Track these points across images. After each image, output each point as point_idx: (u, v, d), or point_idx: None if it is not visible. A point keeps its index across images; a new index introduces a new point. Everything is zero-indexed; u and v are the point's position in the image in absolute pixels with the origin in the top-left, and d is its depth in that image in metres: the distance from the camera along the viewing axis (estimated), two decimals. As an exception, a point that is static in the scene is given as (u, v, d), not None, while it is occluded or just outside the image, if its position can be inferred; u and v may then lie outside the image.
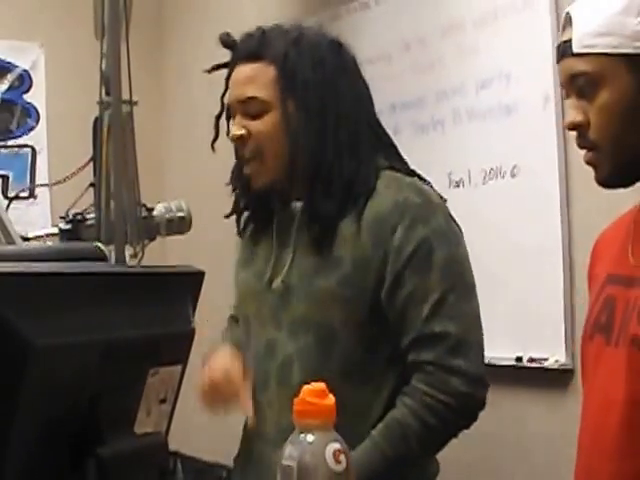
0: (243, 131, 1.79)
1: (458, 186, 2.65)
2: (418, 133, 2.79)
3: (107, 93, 1.77)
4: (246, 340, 1.88)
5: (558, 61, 1.42)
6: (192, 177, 3.87)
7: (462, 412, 1.72)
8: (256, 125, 1.79)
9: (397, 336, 1.74)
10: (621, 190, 1.44)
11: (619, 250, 1.46)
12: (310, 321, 1.76)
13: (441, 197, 1.82)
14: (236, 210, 1.92)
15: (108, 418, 1.05)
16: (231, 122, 1.84)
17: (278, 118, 1.77)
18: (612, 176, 1.41)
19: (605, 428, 1.37)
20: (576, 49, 1.36)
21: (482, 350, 1.75)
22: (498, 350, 2.50)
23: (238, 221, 1.94)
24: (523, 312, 2.47)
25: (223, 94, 1.88)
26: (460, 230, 1.81)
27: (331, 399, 1.07)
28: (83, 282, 1.03)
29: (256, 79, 1.79)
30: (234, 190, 1.91)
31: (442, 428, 1.71)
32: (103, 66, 1.77)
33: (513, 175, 2.49)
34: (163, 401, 1.17)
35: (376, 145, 1.83)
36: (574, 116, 1.39)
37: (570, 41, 1.37)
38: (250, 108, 1.79)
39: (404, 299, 1.72)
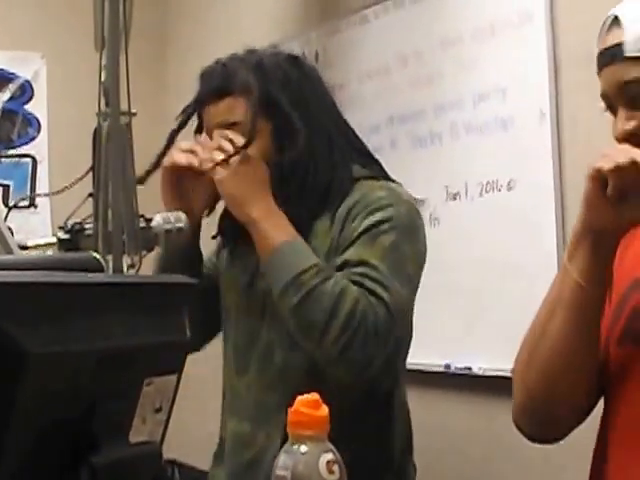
0: None
1: (455, 199, 2.67)
2: (416, 146, 2.80)
3: (107, 104, 1.79)
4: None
5: (602, 68, 1.25)
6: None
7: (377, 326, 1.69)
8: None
9: None
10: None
11: None
12: None
13: (415, 199, 1.85)
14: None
15: (103, 427, 1.05)
16: None
17: (263, 144, 1.81)
18: None
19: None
20: (630, 52, 1.20)
21: (402, 340, 1.80)
22: (494, 362, 2.52)
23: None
24: (518, 324, 2.47)
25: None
26: (424, 234, 1.81)
27: (324, 410, 1.08)
28: (79, 291, 1.04)
29: (232, 110, 1.82)
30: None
31: (360, 320, 1.67)
32: (103, 77, 1.78)
33: (509, 188, 2.51)
34: (158, 410, 1.17)
35: (349, 150, 1.87)
36: (623, 124, 1.23)
37: (621, 44, 1.21)
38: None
39: (339, 264, 1.74)
